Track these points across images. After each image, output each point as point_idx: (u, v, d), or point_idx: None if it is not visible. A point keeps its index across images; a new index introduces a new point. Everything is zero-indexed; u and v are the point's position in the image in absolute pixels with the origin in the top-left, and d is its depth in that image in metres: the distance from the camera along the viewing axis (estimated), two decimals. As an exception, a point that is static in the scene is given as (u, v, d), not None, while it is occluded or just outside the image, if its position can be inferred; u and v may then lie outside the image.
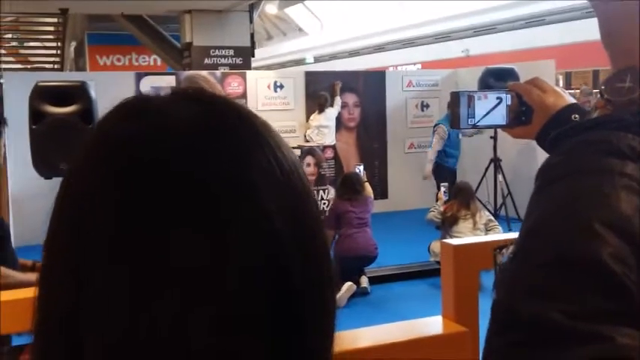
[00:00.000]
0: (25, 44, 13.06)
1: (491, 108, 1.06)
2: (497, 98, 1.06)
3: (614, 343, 0.40)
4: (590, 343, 0.41)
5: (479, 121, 1.08)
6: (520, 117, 1.05)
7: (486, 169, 7.54)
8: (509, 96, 1.05)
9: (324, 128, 9.01)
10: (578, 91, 13.55)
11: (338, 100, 9.35)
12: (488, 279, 2.33)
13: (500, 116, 1.06)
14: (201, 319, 0.43)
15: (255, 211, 0.45)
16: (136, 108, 0.50)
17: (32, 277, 2.37)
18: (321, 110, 9.07)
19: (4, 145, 6.99)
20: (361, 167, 7.25)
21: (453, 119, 1.08)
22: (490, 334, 0.47)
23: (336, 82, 9.42)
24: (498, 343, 0.46)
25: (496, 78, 7.92)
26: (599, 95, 0.61)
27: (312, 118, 9.13)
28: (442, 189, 6.60)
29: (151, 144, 0.46)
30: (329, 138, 9.01)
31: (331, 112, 9.17)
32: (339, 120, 9.54)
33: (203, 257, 0.44)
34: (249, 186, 0.46)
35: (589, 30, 13.00)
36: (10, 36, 13.11)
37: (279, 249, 0.46)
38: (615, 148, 0.47)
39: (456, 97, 1.08)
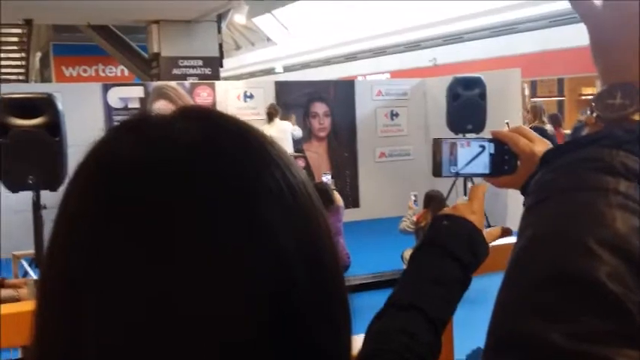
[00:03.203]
0: (-12, 55, 12.89)
1: (473, 156, 1.03)
2: (480, 146, 1.02)
3: None
4: None
5: (461, 170, 1.04)
6: (503, 166, 1.01)
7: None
8: (492, 144, 1.02)
9: (275, 140, 8.65)
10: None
11: (296, 127, 9.08)
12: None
13: (482, 165, 1.03)
14: (204, 346, 0.42)
15: (262, 237, 0.45)
16: (134, 129, 0.49)
17: (0, 293, 2.32)
18: (270, 120, 8.72)
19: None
20: (329, 176, 7.22)
21: (435, 166, 1.04)
22: (487, 352, 0.47)
23: (290, 115, 9.11)
24: None
25: (464, 87, 8.03)
26: (589, 112, 0.59)
27: (262, 129, 8.79)
28: (412, 198, 6.62)
29: (149, 169, 0.45)
30: None
31: (283, 125, 8.80)
32: (309, 130, 9.54)
33: (202, 286, 0.43)
34: (256, 212, 0.45)
35: (554, 39, 13.24)
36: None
37: (287, 273, 0.45)
38: (608, 166, 0.47)
39: (438, 143, 1.03)
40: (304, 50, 21.28)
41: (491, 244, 0.99)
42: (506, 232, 1.05)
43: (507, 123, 7.61)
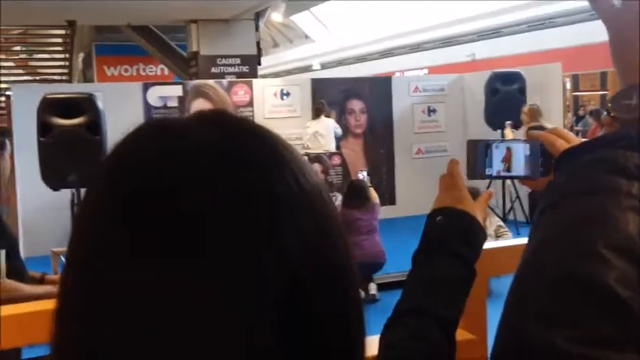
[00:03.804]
0: (34, 56, 13.15)
1: (508, 158, 1.01)
2: (515, 148, 1.01)
3: None
4: None
5: (495, 172, 1.03)
6: (539, 168, 1.00)
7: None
8: (527, 145, 1.00)
9: (320, 136, 8.74)
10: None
11: (337, 125, 9.15)
12: (496, 285, 2.32)
13: (517, 167, 1.01)
14: (220, 346, 0.43)
15: (270, 244, 0.45)
16: (152, 131, 0.50)
17: (40, 289, 2.38)
18: (317, 116, 8.84)
19: (12, 157, 7.01)
20: (365, 173, 7.17)
21: (469, 169, 1.02)
22: (495, 353, 0.47)
23: (331, 112, 9.16)
24: None
25: (502, 82, 7.91)
26: (605, 113, 0.58)
27: (308, 124, 8.90)
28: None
29: (164, 169, 0.46)
30: (324, 147, 8.70)
31: (328, 122, 8.92)
32: (346, 127, 9.53)
33: (213, 290, 0.43)
34: (267, 218, 0.45)
35: (596, 32, 12.94)
36: (18, 48, 13.20)
37: (296, 273, 0.45)
38: (622, 168, 0.46)
39: (472, 145, 1.02)
40: (341, 47, 21.23)
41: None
42: (489, 196, 1.08)
43: (510, 123, 7.48)
